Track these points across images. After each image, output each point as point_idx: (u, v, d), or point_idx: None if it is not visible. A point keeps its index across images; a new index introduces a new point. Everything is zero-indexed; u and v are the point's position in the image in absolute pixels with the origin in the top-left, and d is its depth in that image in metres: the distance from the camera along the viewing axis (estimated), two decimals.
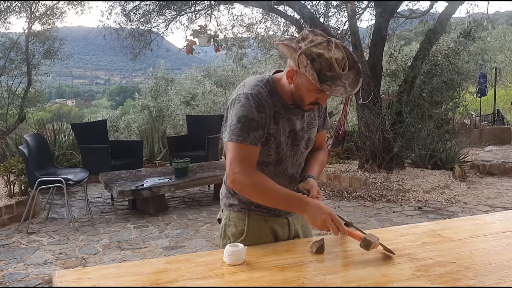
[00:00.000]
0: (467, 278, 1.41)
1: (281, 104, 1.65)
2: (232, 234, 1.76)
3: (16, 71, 8.85)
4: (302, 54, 1.48)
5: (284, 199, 1.61)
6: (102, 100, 46.46)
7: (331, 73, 1.48)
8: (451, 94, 6.51)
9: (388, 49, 7.19)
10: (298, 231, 1.84)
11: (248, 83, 1.66)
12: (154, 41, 7.90)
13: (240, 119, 1.57)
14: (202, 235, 4.48)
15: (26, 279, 3.50)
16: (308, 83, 1.53)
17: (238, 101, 1.61)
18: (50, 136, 7.38)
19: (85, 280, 1.43)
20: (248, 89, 1.62)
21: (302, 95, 1.59)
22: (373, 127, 6.22)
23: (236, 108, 1.60)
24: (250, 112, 1.57)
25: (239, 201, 1.75)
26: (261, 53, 8.78)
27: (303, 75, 1.53)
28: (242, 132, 1.56)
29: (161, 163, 7.52)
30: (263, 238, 1.74)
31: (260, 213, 1.74)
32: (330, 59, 1.48)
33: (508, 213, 2.28)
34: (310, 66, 1.47)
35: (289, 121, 1.67)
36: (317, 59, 1.48)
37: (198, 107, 12.26)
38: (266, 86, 1.65)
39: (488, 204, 5.54)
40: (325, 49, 1.49)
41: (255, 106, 1.58)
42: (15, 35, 9.03)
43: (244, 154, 1.58)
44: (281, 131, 1.66)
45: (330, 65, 1.48)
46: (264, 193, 1.60)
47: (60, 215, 5.21)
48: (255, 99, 1.59)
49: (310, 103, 1.61)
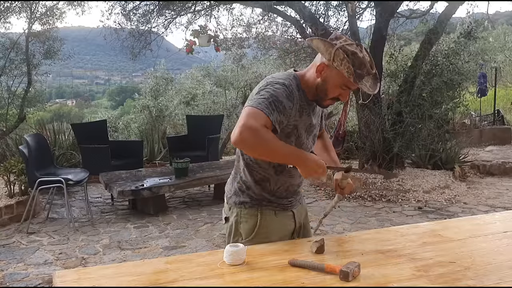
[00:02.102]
0: (467, 278, 1.41)
1: (305, 99, 1.74)
2: (244, 231, 1.82)
3: (16, 71, 8.87)
4: (339, 49, 1.61)
5: (286, 150, 1.65)
6: (102, 100, 46.45)
7: (360, 71, 1.62)
8: (451, 94, 6.50)
9: (388, 49, 7.19)
10: (302, 222, 1.95)
11: (277, 76, 1.74)
12: (154, 41, 7.90)
13: (271, 97, 1.62)
14: (202, 235, 4.48)
15: (26, 279, 3.50)
16: (338, 77, 1.65)
17: (271, 85, 1.66)
18: (50, 136, 7.37)
19: (85, 280, 1.43)
20: (280, 79, 1.69)
21: (327, 89, 1.70)
22: (373, 127, 6.22)
23: (269, 88, 1.64)
24: (282, 96, 1.64)
25: (251, 198, 1.82)
26: (261, 53, 8.77)
27: (334, 70, 1.64)
28: (270, 107, 1.60)
29: (161, 163, 7.51)
30: (274, 232, 1.81)
31: (271, 208, 1.82)
32: (362, 58, 1.63)
33: (508, 213, 2.29)
34: (347, 59, 1.59)
35: (308, 115, 1.78)
36: (351, 56, 1.61)
37: (198, 107, 12.27)
38: (294, 80, 1.73)
39: (488, 204, 5.54)
40: (357, 49, 1.63)
41: (286, 94, 1.65)
42: (15, 35, 9.04)
43: (261, 121, 1.56)
44: (303, 124, 1.75)
45: (361, 63, 1.62)
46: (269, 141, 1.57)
47: (60, 215, 5.20)
48: (288, 88, 1.67)
49: (331, 98, 1.72)
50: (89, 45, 74.40)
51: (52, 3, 8.65)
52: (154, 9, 7.42)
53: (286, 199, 1.85)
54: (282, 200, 1.84)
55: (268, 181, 1.79)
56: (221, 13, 8.19)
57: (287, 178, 1.81)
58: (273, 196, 1.82)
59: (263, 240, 1.77)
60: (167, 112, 12.27)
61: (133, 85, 44.48)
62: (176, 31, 49.56)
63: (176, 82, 14.41)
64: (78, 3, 8.72)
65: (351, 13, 6.32)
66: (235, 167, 1.87)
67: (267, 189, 1.80)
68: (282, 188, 1.82)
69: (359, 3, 7.24)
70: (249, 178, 1.80)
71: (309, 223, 2.03)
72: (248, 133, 1.54)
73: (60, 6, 8.74)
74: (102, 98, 49.14)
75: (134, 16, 7.45)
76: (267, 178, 1.79)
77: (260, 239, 1.77)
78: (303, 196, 2.03)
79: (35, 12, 8.62)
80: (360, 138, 6.58)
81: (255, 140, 1.55)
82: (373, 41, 6.51)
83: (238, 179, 1.84)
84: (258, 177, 1.79)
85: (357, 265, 1.44)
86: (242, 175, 1.83)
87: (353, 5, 6.26)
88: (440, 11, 7.01)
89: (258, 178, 1.79)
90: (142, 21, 7.50)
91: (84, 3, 8.75)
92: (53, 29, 8.95)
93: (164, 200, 5.46)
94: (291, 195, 1.87)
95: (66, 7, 8.78)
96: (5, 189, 5.20)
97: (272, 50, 8.69)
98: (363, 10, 7.49)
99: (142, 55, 7.97)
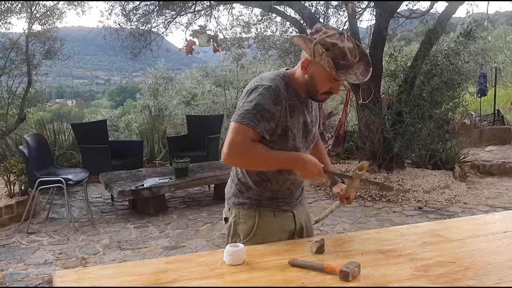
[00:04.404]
0: (467, 278, 1.41)
1: (296, 97, 1.72)
2: (242, 232, 1.81)
3: (16, 71, 8.86)
4: (317, 44, 1.57)
5: (279, 157, 1.68)
6: (102, 100, 46.37)
7: (344, 62, 1.58)
8: (451, 94, 6.50)
9: (388, 49, 7.18)
10: (302, 224, 1.92)
11: (265, 76, 1.73)
12: (154, 41, 7.90)
13: (256, 106, 1.62)
14: (202, 235, 4.48)
15: (26, 279, 3.50)
16: (323, 72, 1.62)
17: (256, 91, 1.66)
18: (50, 136, 7.37)
19: (85, 280, 1.43)
20: (267, 81, 1.68)
21: (316, 84, 1.67)
22: (373, 127, 6.21)
23: (253, 96, 1.65)
24: (267, 103, 1.63)
25: (250, 199, 1.80)
26: (260, 53, 8.77)
27: (318, 65, 1.61)
28: (255, 118, 1.61)
29: (161, 163, 7.51)
30: (272, 233, 1.80)
31: (270, 209, 1.81)
32: (343, 48, 1.58)
33: (508, 213, 2.29)
34: (326, 53, 1.56)
35: (302, 114, 1.75)
36: (331, 48, 1.57)
37: (198, 107, 12.26)
38: (283, 80, 1.71)
39: (488, 204, 5.54)
40: (338, 40, 1.59)
41: (272, 98, 1.64)
42: (15, 36, 9.03)
43: (248, 136, 1.62)
44: (295, 123, 1.73)
45: (343, 53, 1.58)
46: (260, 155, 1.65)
47: (60, 215, 5.20)
48: (273, 91, 1.65)
49: (323, 93, 1.69)
50: (89, 45, 74.33)
51: (52, 3, 8.65)
52: (154, 9, 7.42)
53: (287, 200, 1.84)
54: (283, 200, 1.82)
55: (270, 181, 1.78)
56: (221, 13, 8.21)
57: (288, 176, 1.79)
58: (276, 196, 1.80)
59: (261, 241, 1.76)
60: (167, 112, 12.26)
61: (133, 85, 44.47)
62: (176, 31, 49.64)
63: (176, 82, 14.40)
64: (78, 3, 8.71)
65: (351, 13, 6.32)
66: (234, 169, 1.86)
67: (269, 189, 1.79)
68: (285, 186, 1.80)
69: (359, 3, 7.25)
70: (249, 179, 1.79)
71: (311, 224, 2.01)
72: (236, 151, 1.61)
73: (60, 6, 8.73)
74: (102, 98, 49.06)
75: (134, 16, 7.46)
76: (268, 178, 1.77)
77: (259, 240, 1.77)
78: (304, 197, 2.01)
79: (35, 12, 8.61)
80: (360, 138, 6.57)
81: (245, 157, 1.64)
82: (373, 41, 6.51)
83: (237, 181, 1.84)
84: (258, 178, 1.78)
85: (357, 265, 1.44)
86: (241, 176, 1.82)
87: (353, 5, 6.26)
88: (440, 11, 7.02)
89: (258, 179, 1.78)
90: (142, 21, 7.50)
91: (84, 3, 8.75)
92: (53, 29, 8.94)
93: (164, 200, 5.46)
94: (294, 193, 1.86)
95: (66, 7, 8.78)
96: (5, 189, 5.20)
97: (272, 50, 8.69)
98: (363, 10, 7.49)
99: (142, 55, 7.97)
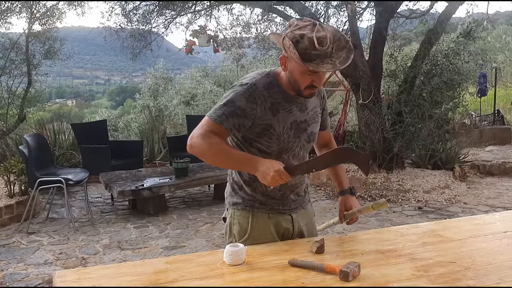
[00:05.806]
0: (467, 278, 1.41)
1: (282, 95, 1.70)
2: (237, 232, 1.78)
3: (16, 71, 8.87)
4: (285, 37, 1.56)
5: (238, 158, 1.67)
6: (102, 100, 46.37)
7: (316, 52, 1.53)
8: (451, 94, 6.50)
9: (388, 49, 7.18)
10: (302, 229, 1.86)
11: (248, 75, 1.74)
12: (154, 41, 7.90)
13: (227, 102, 1.65)
14: (202, 235, 4.48)
15: (26, 279, 3.50)
16: (297, 65, 1.60)
17: (233, 88, 1.69)
18: (50, 136, 7.37)
19: (85, 280, 1.43)
20: (246, 79, 1.70)
21: (296, 79, 1.65)
22: (373, 127, 6.21)
23: (228, 92, 1.69)
24: (239, 99, 1.64)
25: (243, 200, 1.78)
26: (261, 53, 8.77)
27: (292, 59, 1.59)
28: (223, 114, 1.63)
29: (161, 163, 7.51)
30: (267, 235, 1.77)
31: (264, 211, 1.77)
32: (312, 38, 1.53)
33: (508, 213, 2.29)
34: (293, 46, 1.53)
35: (290, 112, 1.71)
36: (300, 40, 1.54)
37: (198, 107, 12.25)
38: (265, 78, 1.70)
39: (488, 204, 5.54)
40: (308, 30, 1.55)
41: (246, 95, 1.65)
42: (15, 35, 9.04)
43: (214, 131, 1.64)
44: (280, 122, 1.69)
45: (312, 43, 1.53)
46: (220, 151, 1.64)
47: (60, 215, 5.21)
48: (248, 89, 1.66)
49: (306, 87, 1.65)
50: (89, 45, 74.37)
51: (52, 3, 8.65)
52: (154, 9, 7.42)
53: (281, 201, 1.79)
54: (277, 201, 1.78)
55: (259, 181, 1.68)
56: (221, 13, 8.20)
57: None
58: (266, 197, 1.76)
59: (255, 243, 1.72)
60: (167, 112, 12.26)
61: (133, 85, 44.47)
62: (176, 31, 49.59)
63: (176, 82, 14.40)
64: (78, 3, 8.72)
65: (350, 13, 6.32)
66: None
67: (259, 189, 1.75)
68: (275, 187, 1.71)
69: (359, 3, 7.25)
70: (239, 178, 1.78)
71: (315, 229, 1.95)
72: (196, 140, 1.63)
73: (60, 6, 8.74)
74: (102, 98, 49.07)
75: (134, 17, 7.46)
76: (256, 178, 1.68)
77: (253, 241, 1.73)
78: (309, 201, 1.94)
79: (35, 12, 8.61)
80: (360, 138, 6.57)
81: (207, 149, 1.63)
82: (373, 41, 6.51)
83: (231, 180, 1.83)
84: (248, 177, 1.75)
85: (357, 265, 1.44)
86: (234, 175, 1.81)
87: (353, 5, 6.26)
88: (440, 11, 7.02)
89: (247, 178, 1.76)
90: (142, 21, 7.50)
91: (84, 3, 8.76)
92: (53, 29, 8.95)
93: (164, 200, 5.46)
94: (288, 195, 1.79)
95: (66, 7, 8.78)
96: (5, 189, 5.20)
97: (272, 50, 8.69)
98: (363, 10, 7.49)
99: (142, 55, 7.98)
